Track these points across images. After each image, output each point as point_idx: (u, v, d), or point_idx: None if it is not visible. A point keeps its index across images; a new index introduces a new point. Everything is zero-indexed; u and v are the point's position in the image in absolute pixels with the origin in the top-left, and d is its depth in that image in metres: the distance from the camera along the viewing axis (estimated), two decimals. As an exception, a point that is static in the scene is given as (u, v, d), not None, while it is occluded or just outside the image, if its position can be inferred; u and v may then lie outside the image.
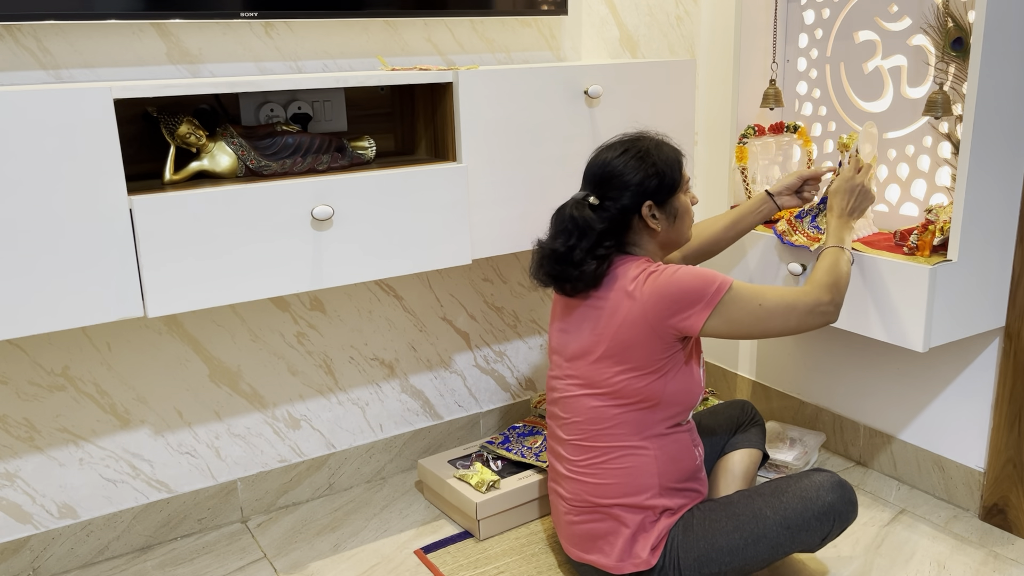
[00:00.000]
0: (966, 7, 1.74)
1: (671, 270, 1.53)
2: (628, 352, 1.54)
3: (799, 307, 1.53)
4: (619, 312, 1.55)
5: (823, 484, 1.56)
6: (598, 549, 1.59)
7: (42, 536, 1.81)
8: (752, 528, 1.53)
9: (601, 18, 2.28)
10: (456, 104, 1.76)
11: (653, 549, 1.54)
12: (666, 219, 1.60)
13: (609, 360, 1.56)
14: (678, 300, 1.50)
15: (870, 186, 1.73)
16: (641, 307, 1.52)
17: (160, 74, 1.77)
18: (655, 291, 1.51)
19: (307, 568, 1.83)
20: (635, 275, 1.55)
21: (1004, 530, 1.89)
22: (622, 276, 1.57)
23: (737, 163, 2.08)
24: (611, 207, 1.58)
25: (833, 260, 1.61)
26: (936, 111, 1.73)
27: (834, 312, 1.56)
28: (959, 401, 1.96)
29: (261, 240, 1.57)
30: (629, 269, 1.57)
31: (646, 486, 1.55)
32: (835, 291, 1.56)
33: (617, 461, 1.57)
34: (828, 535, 1.56)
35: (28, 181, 1.37)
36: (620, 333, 1.54)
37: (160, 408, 1.90)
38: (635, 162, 1.58)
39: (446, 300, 2.22)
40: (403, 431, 2.23)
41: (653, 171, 1.57)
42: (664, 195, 1.59)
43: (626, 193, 1.57)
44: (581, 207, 1.59)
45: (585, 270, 1.56)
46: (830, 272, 1.58)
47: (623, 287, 1.55)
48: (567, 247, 1.58)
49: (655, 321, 1.51)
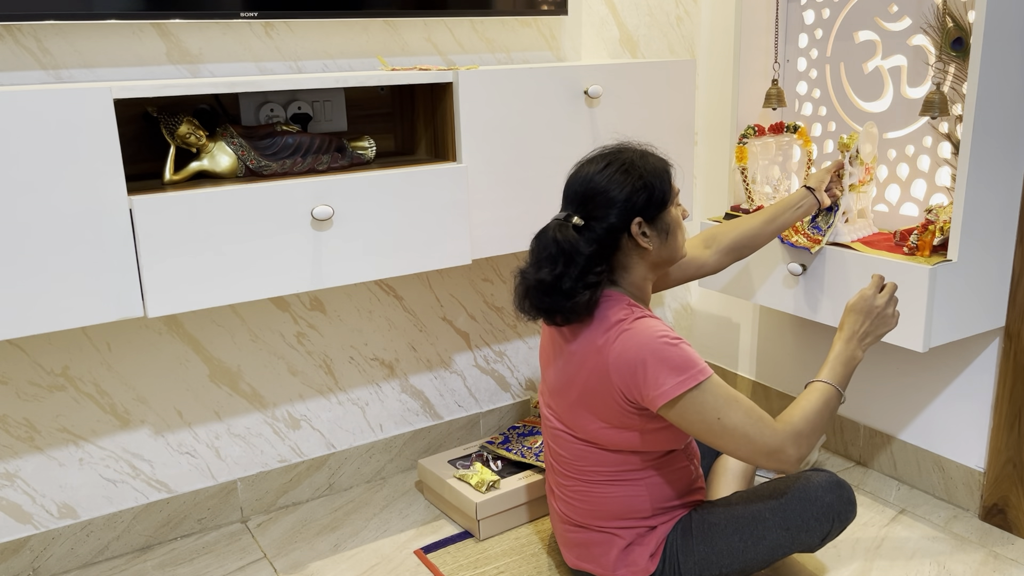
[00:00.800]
0: (966, 7, 1.74)
1: (646, 334, 1.39)
2: (598, 406, 1.46)
3: (757, 445, 1.37)
4: (587, 363, 1.45)
5: (821, 484, 1.55)
6: (593, 558, 1.59)
7: (42, 536, 1.81)
8: (751, 530, 1.52)
9: (601, 18, 2.28)
10: (456, 104, 1.76)
11: (652, 556, 1.53)
12: (658, 236, 1.48)
13: (582, 408, 1.49)
14: (639, 372, 1.38)
15: (893, 311, 1.52)
16: (606, 366, 1.42)
17: (160, 74, 1.77)
18: (622, 354, 1.39)
19: (307, 568, 1.83)
20: (608, 326, 1.43)
21: (1004, 530, 1.89)
22: (598, 321, 1.44)
23: (737, 163, 2.08)
24: (597, 227, 1.43)
25: (822, 404, 1.42)
26: (933, 111, 1.73)
27: (793, 466, 1.39)
28: (959, 401, 1.96)
29: (261, 240, 1.57)
30: (607, 314, 1.44)
31: (639, 510, 1.53)
32: (805, 445, 1.39)
33: (607, 491, 1.54)
34: (828, 535, 1.55)
35: (28, 181, 1.37)
36: (588, 384, 1.46)
37: (160, 408, 1.90)
38: (620, 176, 1.44)
39: (446, 300, 2.22)
40: (403, 431, 2.23)
41: (640, 184, 1.43)
42: (654, 210, 1.46)
43: (612, 211, 1.43)
44: (564, 229, 1.44)
45: (578, 301, 1.42)
46: (812, 419, 1.40)
47: (594, 340, 1.44)
48: (554, 276, 1.43)
49: (618, 383, 1.41)
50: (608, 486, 1.54)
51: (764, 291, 2.00)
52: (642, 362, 1.38)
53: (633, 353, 1.39)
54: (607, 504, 1.54)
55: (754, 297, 2.04)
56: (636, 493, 1.53)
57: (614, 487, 1.53)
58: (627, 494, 1.53)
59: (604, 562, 1.56)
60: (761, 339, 2.44)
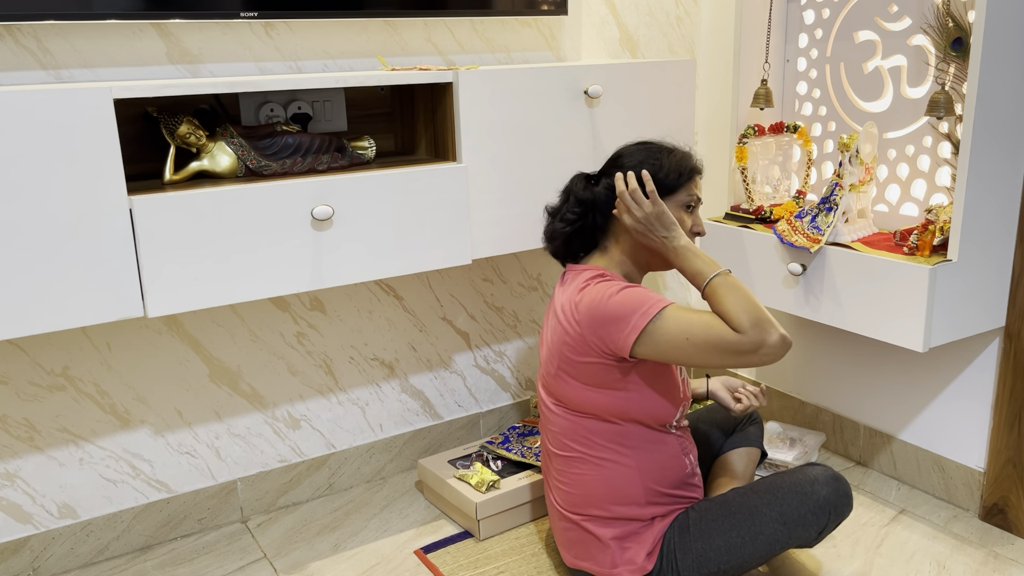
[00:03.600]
0: (966, 7, 1.74)
1: (609, 288, 1.48)
2: (578, 367, 1.52)
3: (732, 345, 1.38)
4: (562, 322, 1.55)
5: (817, 478, 1.56)
6: (590, 556, 1.59)
7: (42, 536, 1.81)
8: (748, 525, 1.52)
9: (601, 18, 2.28)
10: (456, 104, 1.76)
11: (649, 554, 1.54)
12: None
13: (566, 375, 1.55)
14: (606, 321, 1.46)
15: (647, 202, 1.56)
16: (578, 321, 1.50)
17: (160, 74, 1.77)
18: (588, 307, 1.49)
19: (307, 568, 1.83)
20: (580, 285, 1.54)
21: (1004, 530, 1.89)
22: (570, 283, 1.57)
23: (737, 163, 2.08)
24: (603, 183, 1.60)
25: (731, 291, 1.43)
26: (939, 111, 1.73)
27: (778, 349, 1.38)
28: (959, 401, 1.96)
29: (261, 240, 1.57)
30: (579, 275, 1.57)
31: (631, 496, 1.54)
32: (767, 326, 1.39)
33: (598, 471, 1.55)
34: (824, 529, 1.55)
35: (28, 181, 1.37)
36: (566, 346, 1.53)
37: (160, 408, 1.90)
38: (641, 151, 1.59)
39: (446, 300, 2.22)
40: (403, 431, 2.23)
41: (651, 162, 1.57)
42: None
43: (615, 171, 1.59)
44: (580, 178, 1.66)
45: (556, 228, 1.63)
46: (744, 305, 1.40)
47: (569, 297, 1.54)
48: (554, 208, 1.68)
49: (590, 337, 1.49)
50: (596, 466, 1.55)
51: (764, 291, 2.00)
52: (608, 309, 1.46)
53: (597, 304, 1.48)
54: (599, 485, 1.55)
55: (754, 297, 2.04)
56: (626, 474, 1.54)
57: (602, 467, 1.55)
58: (617, 474, 1.54)
59: (601, 560, 1.57)
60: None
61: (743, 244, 2.02)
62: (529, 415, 2.40)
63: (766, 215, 2.04)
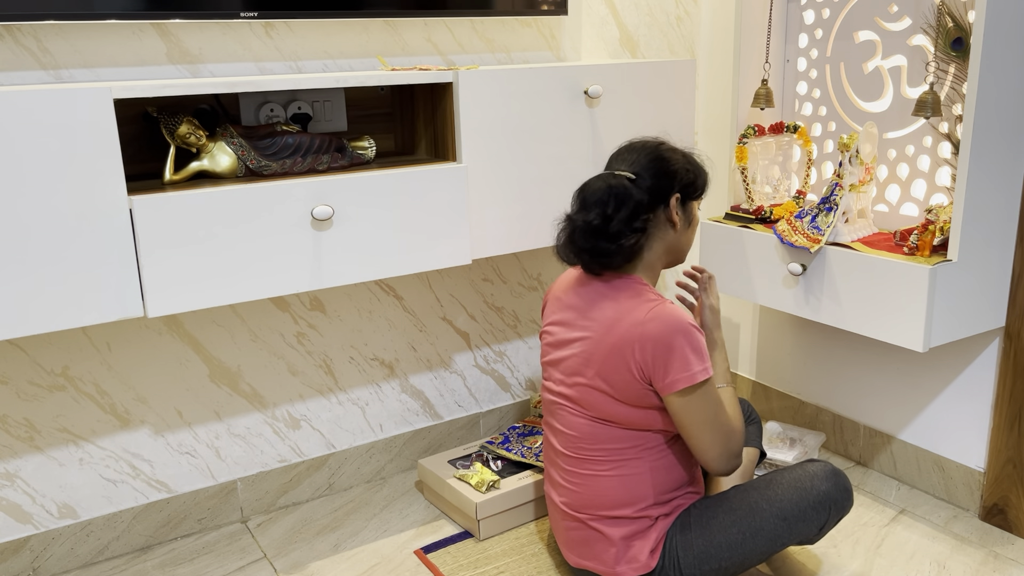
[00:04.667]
0: (966, 7, 1.74)
1: (679, 316, 1.46)
2: (617, 383, 1.50)
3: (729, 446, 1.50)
4: (611, 335, 1.49)
5: (817, 474, 1.56)
6: (594, 555, 1.59)
7: (42, 536, 1.81)
8: (749, 522, 1.53)
9: (601, 18, 2.28)
10: (456, 104, 1.76)
11: (652, 552, 1.54)
12: (683, 219, 1.58)
13: (601, 388, 1.52)
14: (668, 354, 1.44)
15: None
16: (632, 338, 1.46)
17: (160, 74, 1.77)
18: (655, 331, 1.45)
19: (307, 568, 1.83)
20: (642, 300, 1.49)
21: (1004, 530, 1.89)
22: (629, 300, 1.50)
23: (737, 163, 2.08)
24: (647, 184, 1.52)
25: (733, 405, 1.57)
26: (926, 111, 1.73)
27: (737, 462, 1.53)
28: (959, 401, 1.96)
29: (261, 240, 1.57)
30: (640, 289, 1.52)
31: (641, 496, 1.54)
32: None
33: (612, 473, 1.55)
34: (825, 525, 1.56)
35: (28, 181, 1.37)
36: (610, 358, 1.49)
37: (160, 408, 1.90)
38: (677, 155, 1.57)
39: (446, 300, 2.22)
40: (403, 431, 2.23)
41: (691, 167, 1.58)
42: (690, 194, 1.58)
43: (663, 176, 1.53)
44: (617, 177, 1.51)
45: (623, 244, 1.48)
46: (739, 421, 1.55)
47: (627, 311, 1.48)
48: (603, 217, 1.48)
49: (639, 357, 1.46)
50: (610, 469, 1.55)
51: (764, 291, 2.00)
52: (673, 342, 1.44)
53: (669, 330, 1.44)
54: (610, 488, 1.55)
55: (754, 297, 2.04)
56: (639, 476, 1.54)
57: (615, 471, 1.54)
58: (630, 476, 1.54)
59: (605, 558, 1.57)
60: (761, 339, 2.44)
61: (743, 244, 2.02)
62: (529, 415, 2.40)
63: (766, 215, 2.04)
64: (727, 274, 2.11)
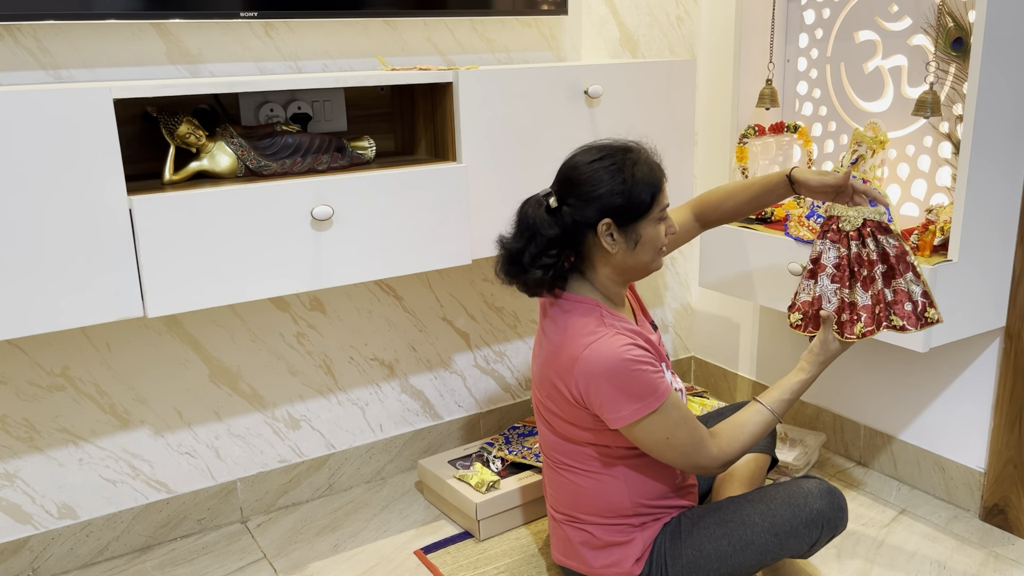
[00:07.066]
0: (966, 7, 1.74)
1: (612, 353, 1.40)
2: (563, 406, 1.49)
3: (692, 461, 1.46)
4: (557, 361, 1.47)
5: (812, 491, 1.53)
6: (577, 555, 1.59)
7: (42, 536, 1.81)
8: (740, 535, 1.51)
9: (601, 18, 2.28)
10: (456, 104, 1.76)
11: (637, 560, 1.53)
12: (625, 243, 1.45)
13: (552, 403, 1.52)
14: (600, 395, 1.41)
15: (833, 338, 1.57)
16: (571, 372, 1.44)
17: (160, 74, 1.77)
18: (585, 370, 1.41)
19: (307, 568, 1.83)
20: (587, 332, 1.44)
21: (1004, 530, 1.89)
22: (574, 327, 1.46)
23: (737, 163, 2.08)
24: (568, 215, 1.44)
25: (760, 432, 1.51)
26: (925, 111, 1.73)
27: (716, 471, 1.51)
28: (959, 401, 1.96)
29: (261, 240, 1.57)
30: (587, 324, 1.45)
31: (617, 504, 1.53)
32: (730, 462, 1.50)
33: (586, 482, 1.54)
34: (817, 542, 1.53)
35: (28, 181, 1.37)
36: (556, 384, 1.48)
37: (160, 408, 1.90)
38: (605, 174, 1.43)
39: (446, 300, 2.22)
40: (403, 431, 2.23)
41: (620, 189, 1.42)
42: (627, 218, 1.44)
43: (585, 204, 1.43)
44: (537, 207, 1.47)
45: (530, 277, 1.47)
46: (746, 446, 1.51)
47: (572, 340, 1.44)
48: (517, 249, 1.48)
49: (575, 390, 1.44)
50: (583, 477, 1.54)
51: (764, 291, 2.00)
52: (602, 386, 1.40)
53: (600, 370, 1.40)
54: (586, 495, 1.55)
55: (754, 297, 2.03)
56: (613, 487, 1.53)
57: (589, 479, 1.54)
58: (604, 488, 1.53)
59: (590, 559, 1.56)
60: (761, 339, 2.44)
61: (743, 244, 2.02)
62: (529, 415, 2.40)
63: (767, 215, 2.04)
64: (727, 274, 2.11)
